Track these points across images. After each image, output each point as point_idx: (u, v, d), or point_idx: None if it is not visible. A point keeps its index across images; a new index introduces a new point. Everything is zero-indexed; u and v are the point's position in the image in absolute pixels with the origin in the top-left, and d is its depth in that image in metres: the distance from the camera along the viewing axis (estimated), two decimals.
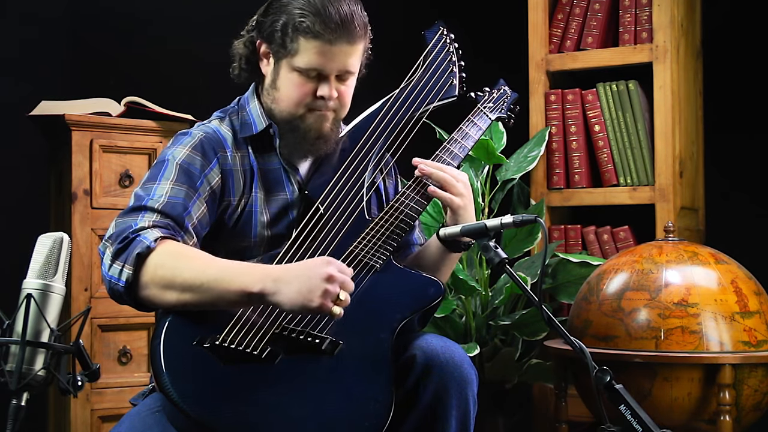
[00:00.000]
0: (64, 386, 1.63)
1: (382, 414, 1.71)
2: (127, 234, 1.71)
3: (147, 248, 1.68)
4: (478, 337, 2.95)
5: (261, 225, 1.91)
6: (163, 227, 1.74)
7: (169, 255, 1.70)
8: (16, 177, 3.21)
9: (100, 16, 3.42)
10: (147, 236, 1.70)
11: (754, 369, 2.38)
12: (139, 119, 2.95)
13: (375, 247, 1.90)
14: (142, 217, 1.75)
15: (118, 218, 1.77)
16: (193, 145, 1.88)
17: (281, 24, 1.88)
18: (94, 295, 2.84)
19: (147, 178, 1.85)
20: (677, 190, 3.05)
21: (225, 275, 1.68)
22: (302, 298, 1.66)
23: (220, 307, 1.72)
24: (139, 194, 1.81)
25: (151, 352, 1.70)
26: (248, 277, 1.68)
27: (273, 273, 1.69)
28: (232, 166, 1.91)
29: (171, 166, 1.84)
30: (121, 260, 1.69)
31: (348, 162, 1.98)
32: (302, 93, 1.90)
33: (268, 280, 1.67)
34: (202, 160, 1.87)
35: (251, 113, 1.97)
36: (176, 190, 1.80)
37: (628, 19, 3.15)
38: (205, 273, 1.68)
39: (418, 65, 2.12)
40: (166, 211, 1.77)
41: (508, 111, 2.27)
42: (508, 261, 1.83)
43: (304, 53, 1.87)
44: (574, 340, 1.76)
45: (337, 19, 1.85)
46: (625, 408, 1.70)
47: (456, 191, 1.98)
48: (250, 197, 1.91)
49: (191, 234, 1.80)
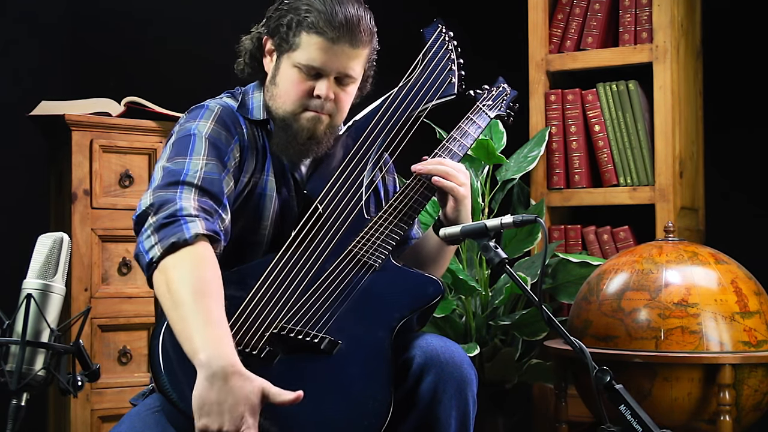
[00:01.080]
0: (64, 386, 1.63)
1: (381, 413, 1.71)
2: (173, 211, 1.68)
3: (184, 241, 1.66)
4: (478, 337, 2.95)
5: (275, 214, 1.91)
6: (206, 212, 1.72)
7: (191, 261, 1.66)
8: (16, 177, 3.21)
9: (100, 17, 3.42)
10: (190, 227, 1.67)
11: (754, 369, 2.38)
12: (139, 119, 2.95)
13: (374, 246, 1.90)
14: (182, 192, 1.72)
15: (155, 191, 1.73)
16: (216, 119, 1.87)
17: (287, 20, 1.89)
18: (94, 295, 2.84)
19: (175, 152, 1.80)
20: (677, 190, 3.05)
21: (194, 323, 1.60)
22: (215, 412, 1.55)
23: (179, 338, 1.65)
24: (171, 169, 1.77)
25: (150, 352, 1.69)
26: (200, 345, 1.58)
27: (218, 370, 1.56)
28: (248, 143, 1.91)
29: (199, 140, 1.82)
30: (158, 236, 1.67)
31: (347, 161, 1.98)
32: (300, 90, 1.90)
33: (208, 371, 1.56)
34: (227, 134, 1.86)
35: (252, 101, 1.97)
36: (210, 166, 1.79)
37: (628, 19, 3.15)
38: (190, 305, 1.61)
39: (417, 63, 2.12)
40: (205, 187, 1.75)
41: (507, 109, 2.27)
42: (508, 261, 1.83)
43: (305, 49, 1.87)
44: (574, 340, 1.76)
45: (341, 19, 1.86)
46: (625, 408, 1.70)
47: (459, 181, 1.99)
48: (261, 178, 1.91)
49: (227, 209, 1.78)
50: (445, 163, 2.01)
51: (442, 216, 2.03)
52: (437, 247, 2.04)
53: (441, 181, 1.99)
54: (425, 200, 2.00)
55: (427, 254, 2.05)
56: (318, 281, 1.83)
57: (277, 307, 1.78)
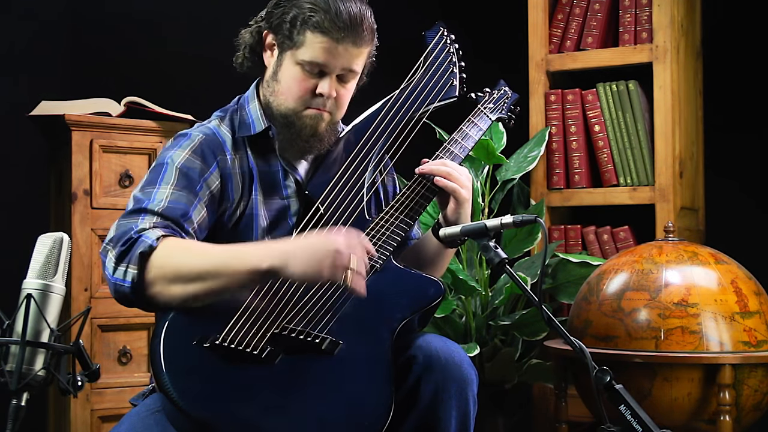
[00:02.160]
0: (64, 386, 1.63)
1: (381, 414, 1.71)
2: (129, 236, 1.71)
3: (149, 247, 1.68)
4: (478, 337, 2.95)
5: (261, 230, 1.91)
6: (164, 227, 1.74)
7: (172, 249, 1.70)
8: (16, 177, 3.21)
9: (100, 16, 3.42)
10: (149, 235, 1.70)
11: (754, 369, 2.38)
12: (139, 119, 2.95)
13: (375, 247, 1.90)
14: (143, 219, 1.75)
15: (119, 221, 1.77)
16: (193, 149, 1.87)
17: (291, 16, 1.89)
18: (94, 295, 2.84)
19: (146, 182, 1.84)
20: (677, 190, 3.05)
21: (232, 258, 1.69)
22: (311, 269, 1.66)
23: (228, 293, 1.71)
24: (138, 197, 1.80)
25: (151, 352, 1.70)
26: (255, 255, 1.68)
27: (279, 247, 1.70)
28: (231, 170, 1.90)
29: (170, 170, 1.83)
30: (125, 262, 1.69)
31: (348, 162, 1.99)
32: (302, 88, 1.90)
33: (275, 255, 1.68)
34: (202, 164, 1.86)
35: (251, 113, 1.96)
36: (177, 195, 1.80)
37: (628, 19, 3.15)
38: (211, 260, 1.69)
39: (419, 66, 2.12)
40: (166, 214, 1.76)
41: (508, 111, 2.27)
42: (508, 261, 1.83)
43: (309, 47, 1.87)
44: (574, 340, 1.76)
45: (346, 19, 1.86)
46: (625, 408, 1.70)
47: (461, 183, 2.00)
48: (250, 200, 1.91)
49: (192, 236, 1.80)
50: (448, 165, 2.02)
51: (442, 218, 2.03)
52: (436, 249, 2.04)
53: (443, 182, 1.99)
54: (426, 202, 2.00)
55: (425, 256, 2.05)
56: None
57: (279, 307, 1.78)
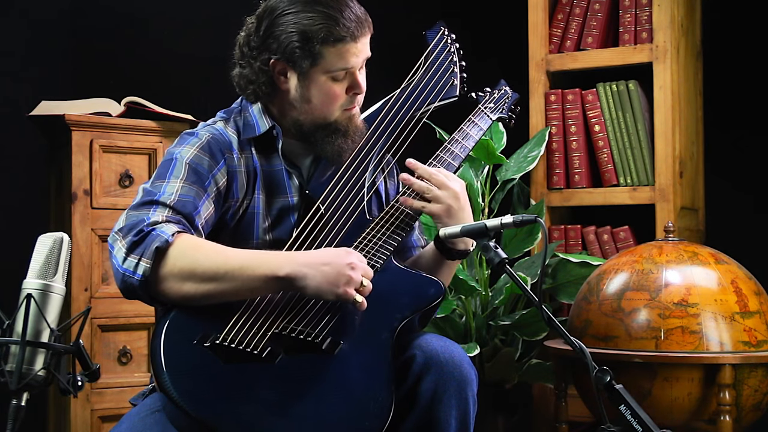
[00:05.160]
0: (64, 386, 1.63)
1: (381, 414, 1.71)
2: (141, 227, 1.71)
3: (166, 242, 1.68)
4: (478, 337, 2.95)
5: (262, 229, 1.91)
6: (177, 223, 1.75)
7: (188, 247, 1.71)
8: (16, 177, 3.21)
9: (100, 16, 3.42)
10: (164, 230, 1.70)
11: (754, 369, 2.38)
12: (139, 119, 2.95)
13: (375, 248, 1.90)
14: (155, 211, 1.75)
15: (129, 211, 1.77)
16: (201, 146, 1.88)
17: (297, 37, 1.87)
18: (94, 295, 2.84)
19: (156, 176, 1.85)
20: (677, 190, 3.05)
21: (250, 262, 1.71)
22: (328, 285, 1.71)
23: (238, 297, 1.73)
24: (148, 190, 1.81)
25: (151, 351, 1.70)
26: (274, 262, 1.71)
27: (299, 258, 1.73)
28: (237, 168, 1.91)
29: (180, 164, 1.84)
30: (137, 253, 1.69)
31: (349, 162, 1.99)
32: (338, 95, 1.92)
33: (295, 265, 1.71)
34: (210, 161, 1.87)
35: (254, 114, 1.96)
36: (186, 189, 1.81)
37: (628, 19, 3.15)
38: (228, 261, 1.71)
39: (419, 65, 2.12)
40: (177, 208, 1.77)
41: (509, 111, 2.27)
42: (508, 261, 1.83)
43: (333, 58, 1.88)
44: (574, 340, 1.76)
45: (353, 18, 1.88)
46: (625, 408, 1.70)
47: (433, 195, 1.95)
48: (253, 199, 1.91)
49: (201, 232, 1.81)
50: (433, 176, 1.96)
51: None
52: (438, 260, 2.02)
53: (409, 201, 1.97)
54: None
55: (428, 268, 2.03)
56: None
57: (279, 306, 1.78)
